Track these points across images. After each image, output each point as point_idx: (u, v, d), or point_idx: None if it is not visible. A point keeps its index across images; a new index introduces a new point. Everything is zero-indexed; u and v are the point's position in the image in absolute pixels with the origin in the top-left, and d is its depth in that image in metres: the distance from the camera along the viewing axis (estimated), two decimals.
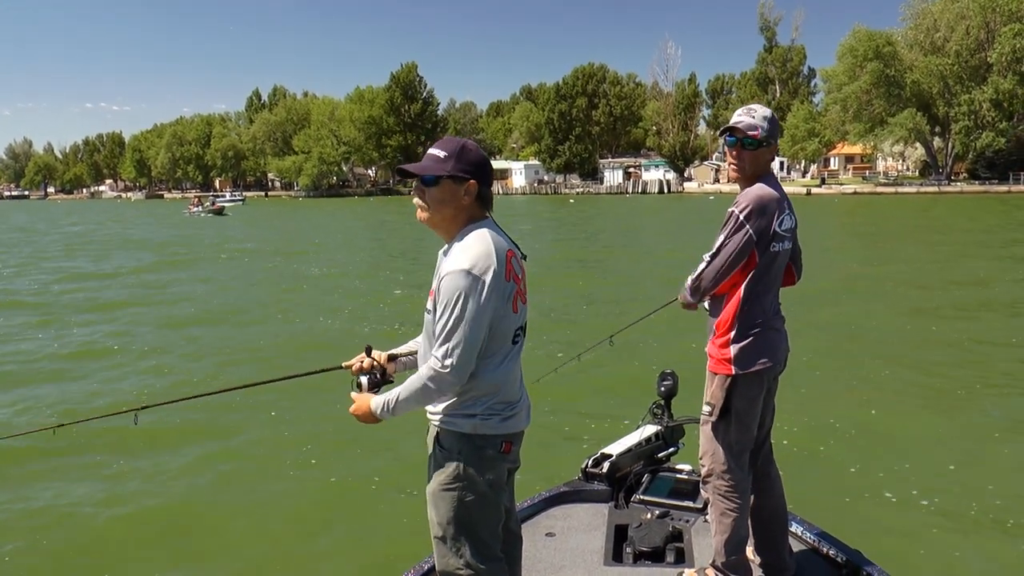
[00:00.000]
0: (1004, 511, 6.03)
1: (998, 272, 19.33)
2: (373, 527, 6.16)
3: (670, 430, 4.96)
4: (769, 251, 3.44)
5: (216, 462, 7.66)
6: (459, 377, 2.70)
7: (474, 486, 2.83)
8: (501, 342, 2.80)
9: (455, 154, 2.79)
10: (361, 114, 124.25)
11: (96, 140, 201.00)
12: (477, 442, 2.82)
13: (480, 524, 2.88)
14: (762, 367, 3.47)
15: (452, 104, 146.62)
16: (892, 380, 9.78)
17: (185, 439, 8.24)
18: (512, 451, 2.93)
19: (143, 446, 7.92)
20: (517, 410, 2.90)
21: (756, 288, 3.47)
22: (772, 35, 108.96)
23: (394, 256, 28.75)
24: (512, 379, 2.89)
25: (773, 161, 3.61)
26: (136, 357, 12.15)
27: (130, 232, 47.95)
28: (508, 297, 2.78)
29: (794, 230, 3.59)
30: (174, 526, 6.33)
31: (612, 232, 38.31)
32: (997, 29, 71.48)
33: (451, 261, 2.72)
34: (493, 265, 2.71)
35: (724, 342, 3.50)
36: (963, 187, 72.50)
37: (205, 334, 13.91)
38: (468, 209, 2.84)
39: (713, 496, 3.61)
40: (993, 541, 5.60)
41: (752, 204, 3.40)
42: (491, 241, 2.77)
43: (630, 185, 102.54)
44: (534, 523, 4.34)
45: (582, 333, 11.35)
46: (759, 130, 3.43)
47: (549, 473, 5.25)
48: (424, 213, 2.87)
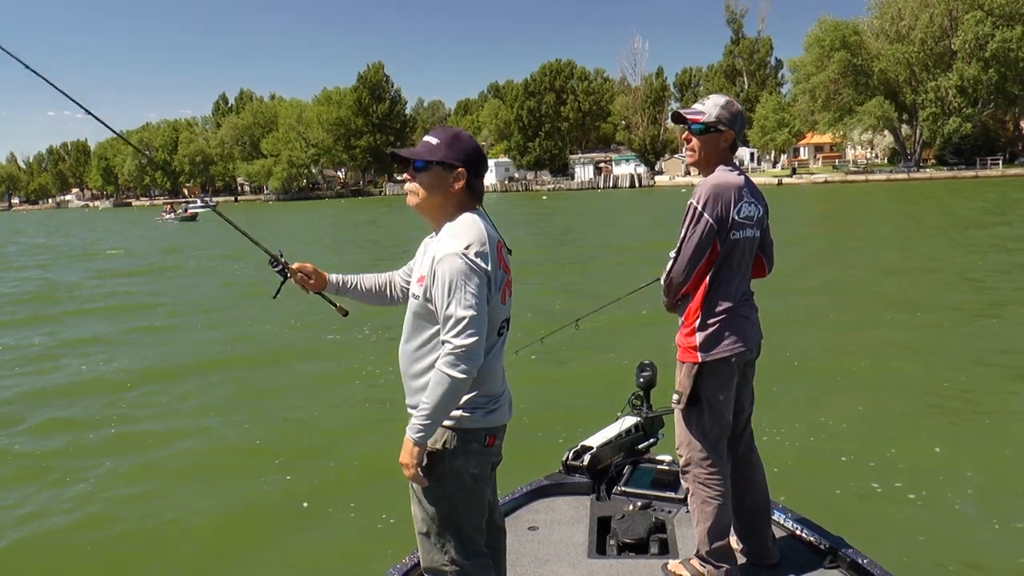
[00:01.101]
0: (987, 498, 5.98)
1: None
2: (356, 524, 6.06)
3: (649, 421, 4.97)
4: (730, 239, 3.44)
5: (197, 463, 7.42)
6: (479, 355, 2.64)
7: (458, 480, 2.81)
8: (488, 332, 2.73)
9: (447, 142, 2.80)
10: (329, 115, 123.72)
11: (61, 149, 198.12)
12: (461, 436, 2.78)
13: (465, 519, 2.86)
14: (729, 353, 3.47)
15: (420, 103, 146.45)
16: (878, 371, 9.61)
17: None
18: (496, 444, 2.89)
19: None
20: (500, 403, 2.87)
21: (718, 276, 3.48)
22: (739, 27, 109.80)
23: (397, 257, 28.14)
24: (496, 372, 2.85)
25: (733, 148, 3.60)
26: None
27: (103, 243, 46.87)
28: (499, 286, 2.76)
29: (761, 219, 3.61)
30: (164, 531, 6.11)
31: (587, 228, 38.18)
32: (960, 17, 72.48)
33: (445, 243, 2.70)
34: (487, 249, 2.70)
35: (690, 330, 3.51)
36: (932, 173, 73.19)
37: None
38: (457, 198, 2.82)
39: (693, 485, 3.61)
40: (976, 528, 5.57)
41: (708, 193, 3.41)
42: (483, 227, 2.76)
43: (601, 180, 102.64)
44: (516, 517, 4.32)
45: (551, 320, 11.05)
46: (704, 114, 3.48)
47: (530, 467, 5.19)
48: (415, 198, 2.86)
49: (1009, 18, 70.62)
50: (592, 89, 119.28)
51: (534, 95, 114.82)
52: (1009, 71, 71.14)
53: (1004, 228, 26.18)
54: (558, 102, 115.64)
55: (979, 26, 69.95)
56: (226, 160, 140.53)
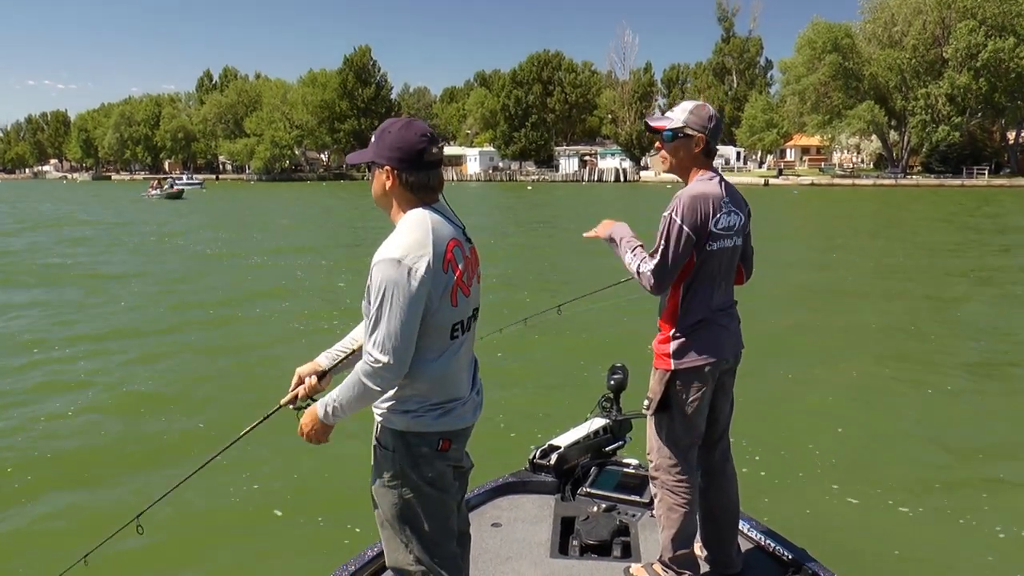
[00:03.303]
0: (957, 514, 5.92)
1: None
2: (317, 522, 5.87)
3: (618, 424, 4.97)
4: (706, 249, 3.40)
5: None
6: (396, 371, 2.56)
7: (412, 484, 2.74)
8: (436, 337, 2.65)
9: (376, 138, 2.73)
10: (314, 97, 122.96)
11: (40, 119, 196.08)
12: (411, 440, 2.71)
13: (425, 520, 2.77)
14: (703, 362, 3.45)
15: (406, 89, 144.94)
16: (854, 377, 9.54)
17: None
18: (451, 448, 2.78)
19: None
20: (456, 406, 2.74)
21: (692, 286, 3.45)
22: (730, 25, 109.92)
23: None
24: (452, 375, 2.73)
25: (710, 154, 3.52)
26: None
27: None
28: (445, 289, 2.62)
29: (743, 227, 3.57)
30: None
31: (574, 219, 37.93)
32: (952, 25, 72.34)
33: (385, 247, 2.59)
34: (427, 255, 2.56)
35: (665, 338, 3.51)
36: (919, 180, 73.05)
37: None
38: (396, 196, 2.72)
39: (661, 491, 3.62)
40: (945, 543, 5.53)
41: (684, 205, 3.36)
42: (429, 228, 2.62)
43: (586, 173, 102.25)
44: (480, 513, 4.31)
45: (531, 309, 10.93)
46: (671, 121, 3.47)
47: (496, 463, 5.08)
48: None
49: (1001, 28, 70.45)
50: (580, 81, 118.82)
51: (521, 84, 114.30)
52: (999, 81, 71.01)
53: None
54: (545, 93, 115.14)
55: (972, 35, 69.85)
56: (208, 138, 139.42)
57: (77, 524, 5.84)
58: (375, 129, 2.78)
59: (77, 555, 3.40)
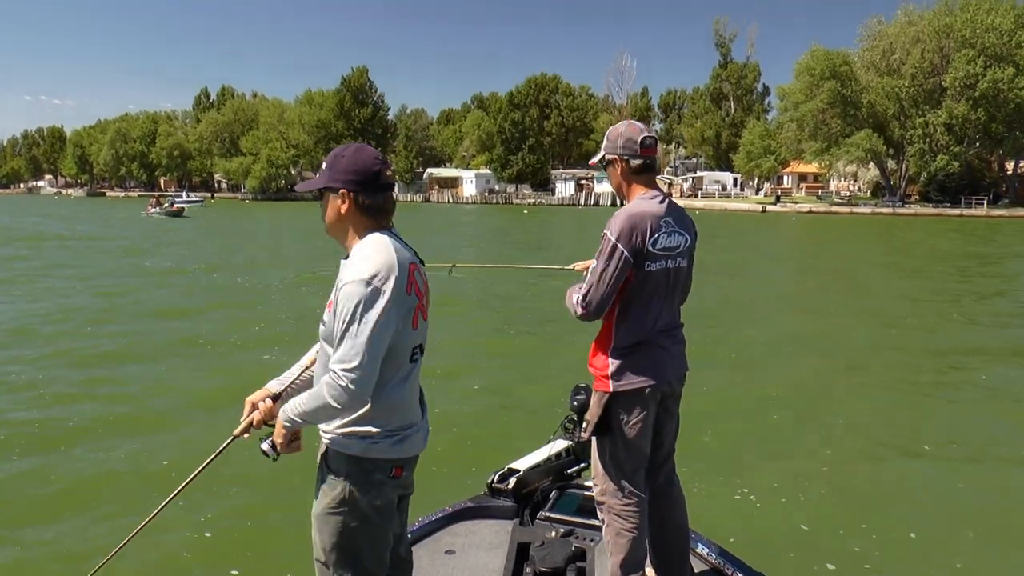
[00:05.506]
0: (919, 536, 5.86)
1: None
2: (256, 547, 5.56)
3: (581, 446, 4.82)
4: (644, 269, 3.37)
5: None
6: (362, 394, 2.53)
7: (359, 511, 2.70)
8: (398, 360, 2.67)
9: (329, 164, 2.72)
10: (311, 117, 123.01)
11: (36, 134, 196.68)
12: (366, 465, 2.68)
13: (364, 551, 2.75)
14: (643, 384, 3.40)
15: (403, 110, 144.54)
16: (811, 403, 9.50)
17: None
18: (403, 476, 2.78)
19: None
20: (411, 433, 2.75)
21: (629, 306, 3.41)
22: (727, 51, 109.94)
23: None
24: (407, 400, 2.75)
25: (647, 169, 3.48)
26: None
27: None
28: (408, 312, 2.66)
29: (687, 250, 3.53)
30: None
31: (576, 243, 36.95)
32: (951, 54, 72.23)
33: (350, 270, 2.57)
34: (395, 275, 2.57)
35: (602, 359, 3.46)
36: (917, 209, 72.63)
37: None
38: (352, 220, 2.70)
39: (608, 516, 3.55)
40: (903, 566, 5.43)
41: (622, 224, 3.33)
42: (392, 251, 2.63)
43: (582, 197, 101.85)
44: (435, 539, 4.21)
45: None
46: (598, 154, 3.54)
47: (454, 487, 5.04)
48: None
49: (1000, 58, 70.36)
50: (576, 105, 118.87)
51: (518, 107, 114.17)
52: (997, 111, 70.82)
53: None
54: (542, 116, 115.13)
55: (970, 65, 69.63)
56: (204, 156, 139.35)
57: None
58: (325, 159, 2.76)
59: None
